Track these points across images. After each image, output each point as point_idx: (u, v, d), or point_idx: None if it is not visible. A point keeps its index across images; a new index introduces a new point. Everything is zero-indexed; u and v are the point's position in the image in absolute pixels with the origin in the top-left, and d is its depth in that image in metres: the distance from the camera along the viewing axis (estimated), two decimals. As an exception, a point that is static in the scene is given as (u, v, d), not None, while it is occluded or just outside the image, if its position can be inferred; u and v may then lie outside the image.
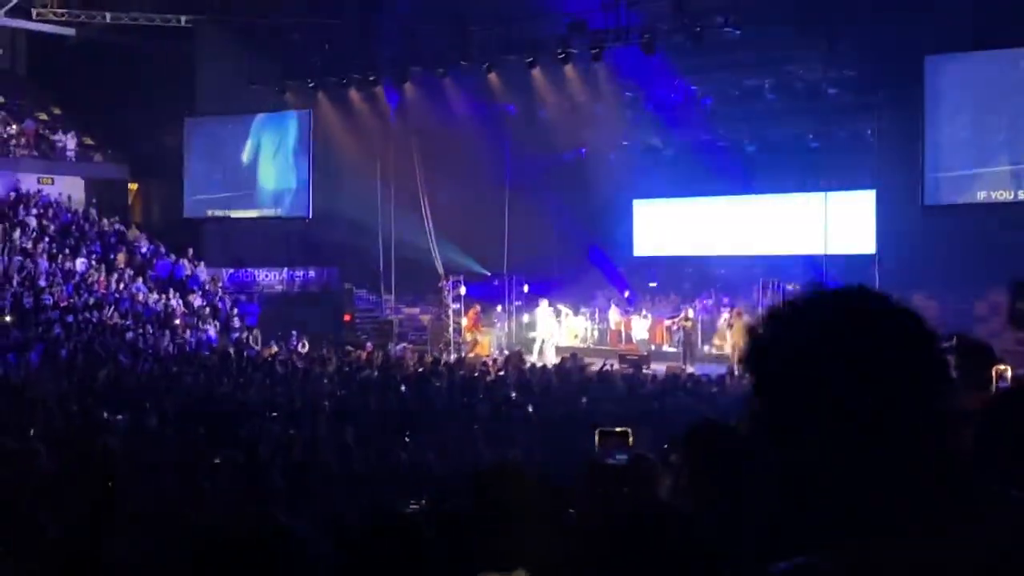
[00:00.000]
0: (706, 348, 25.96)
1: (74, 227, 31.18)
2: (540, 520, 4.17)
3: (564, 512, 3.88)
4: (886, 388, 1.36)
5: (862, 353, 1.38)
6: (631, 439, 3.08)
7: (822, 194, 25.17)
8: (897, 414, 1.36)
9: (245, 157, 33.22)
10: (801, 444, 1.39)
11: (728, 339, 24.90)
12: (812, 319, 1.44)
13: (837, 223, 25.02)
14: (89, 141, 34.71)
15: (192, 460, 10.83)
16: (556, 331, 27.26)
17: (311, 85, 30.43)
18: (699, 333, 25.94)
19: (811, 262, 25.11)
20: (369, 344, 25.72)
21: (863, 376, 1.37)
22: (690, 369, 21.67)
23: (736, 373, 20.96)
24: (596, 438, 3.10)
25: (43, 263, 28.30)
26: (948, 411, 1.40)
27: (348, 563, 2.76)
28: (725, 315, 25.59)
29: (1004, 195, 22.81)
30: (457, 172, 28.80)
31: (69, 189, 33.34)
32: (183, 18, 31.79)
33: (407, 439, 12.61)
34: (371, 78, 29.37)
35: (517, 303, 28.68)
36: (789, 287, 24.71)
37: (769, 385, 1.45)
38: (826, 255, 24.59)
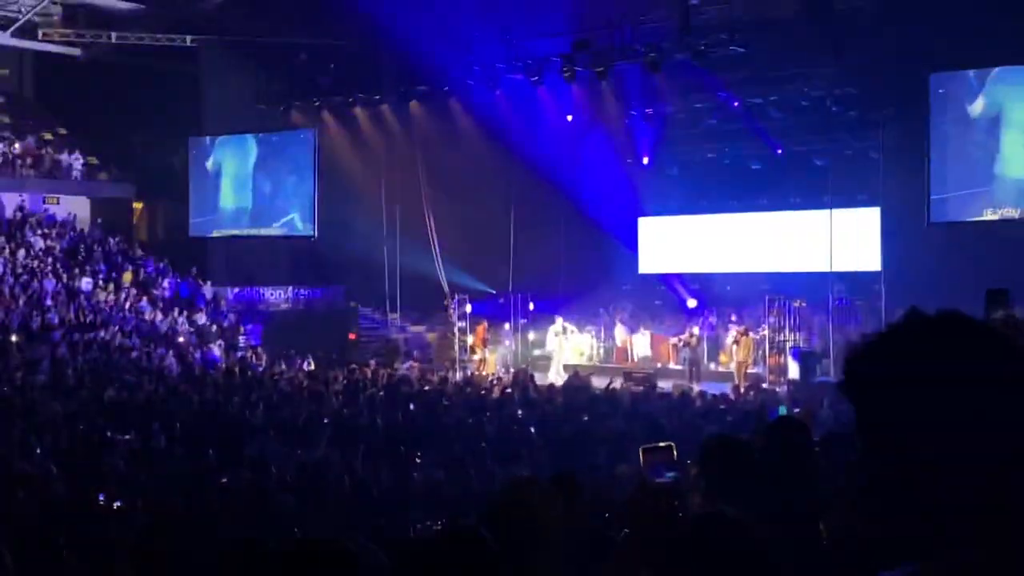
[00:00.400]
0: (712, 366, 25.94)
1: (80, 246, 31.26)
2: (566, 537, 4.18)
3: (613, 530, 3.88)
4: (1002, 411, 1.40)
5: (977, 376, 1.41)
6: (676, 454, 3.07)
7: (827, 211, 25.19)
8: (1012, 439, 1.40)
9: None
10: (904, 459, 1.43)
11: (734, 357, 24.86)
12: (924, 340, 1.48)
13: (842, 240, 25.03)
14: (95, 161, 34.82)
15: (200, 480, 10.84)
16: (565, 349, 27.33)
17: (316, 104, 30.54)
18: (704, 351, 25.93)
19: (816, 279, 25.10)
20: (372, 362, 25.68)
21: (979, 397, 1.41)
22: (696, 387, 21.63)
23: (742, 391, 20.98)
24: (640, 456, 3.07)
25: (49, 282, 28.36)
26: None
27: None
28: (732, 332, 25.55)
29: (1010, 212, 22.82)
30: (462, 190, 28.84)
31: (75, 208, 33.46)
32: (189, 38, 31.92)
33: (417, 458, 12.60)
34: (376, 97, 29.50)
35: (523, 321, 28.72)
36: (795, 304, 24.71)
37: (874, 401, 1.48)
38: (831, 272, 24.59)
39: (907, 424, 1.42)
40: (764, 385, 22.49)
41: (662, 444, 3.12)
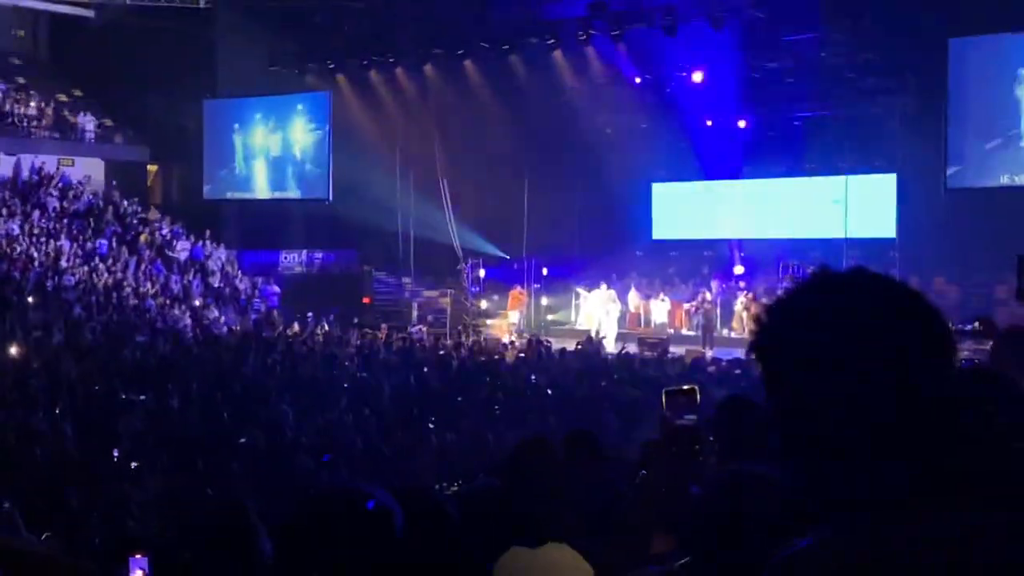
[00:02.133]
0: (725, 331, 25.91)
1: (95, 208, 31.31)
2: (571, 492, 4.22)
3: (635, 475, 3.93)
4: (890, 367, 1.37)
5: (868, 335, 1.39)
6: (699, 397, 3.13)
7: (843, 177, 25.06)
8: (903, 394, 1.37)
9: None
10: (807, 424, 1.42)
11: (745, 323, 24.81)
12: (816, 305, 1.46)
13: (858, 206, 24.90)
14: (109, 123, 34.81)
15: (217, 440, 10.92)
16: (611, 317, 26.79)
17: (331, 67, 30.43)
18: (718, 316, 25.89)
19: (831, 245, 25.01)
20: (384, 326, 25.69)
21: (868, 357, 1.38)
22: (710, 352, 21.63)
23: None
24: (663, 399, 3.13)
25: (64, 244, 28.44)
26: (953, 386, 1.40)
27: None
28: (741, 299, 25.51)
29: (1028, 179, 22.68)
30: (476, 154, 28.77)
31: (89, 171, 33.48)
32: (203, 0, 31.79)
33: (431, 423, 12.66)
34: (391, 60, 29.37)
35: (536, 286, 28.73)
36: (809, 270, 24.60)
37: (775, 367, 1.47)
38: (846, 238, 24.49)
39: (809, 384, 1.40)
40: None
41: (685, 387, 3.17)
